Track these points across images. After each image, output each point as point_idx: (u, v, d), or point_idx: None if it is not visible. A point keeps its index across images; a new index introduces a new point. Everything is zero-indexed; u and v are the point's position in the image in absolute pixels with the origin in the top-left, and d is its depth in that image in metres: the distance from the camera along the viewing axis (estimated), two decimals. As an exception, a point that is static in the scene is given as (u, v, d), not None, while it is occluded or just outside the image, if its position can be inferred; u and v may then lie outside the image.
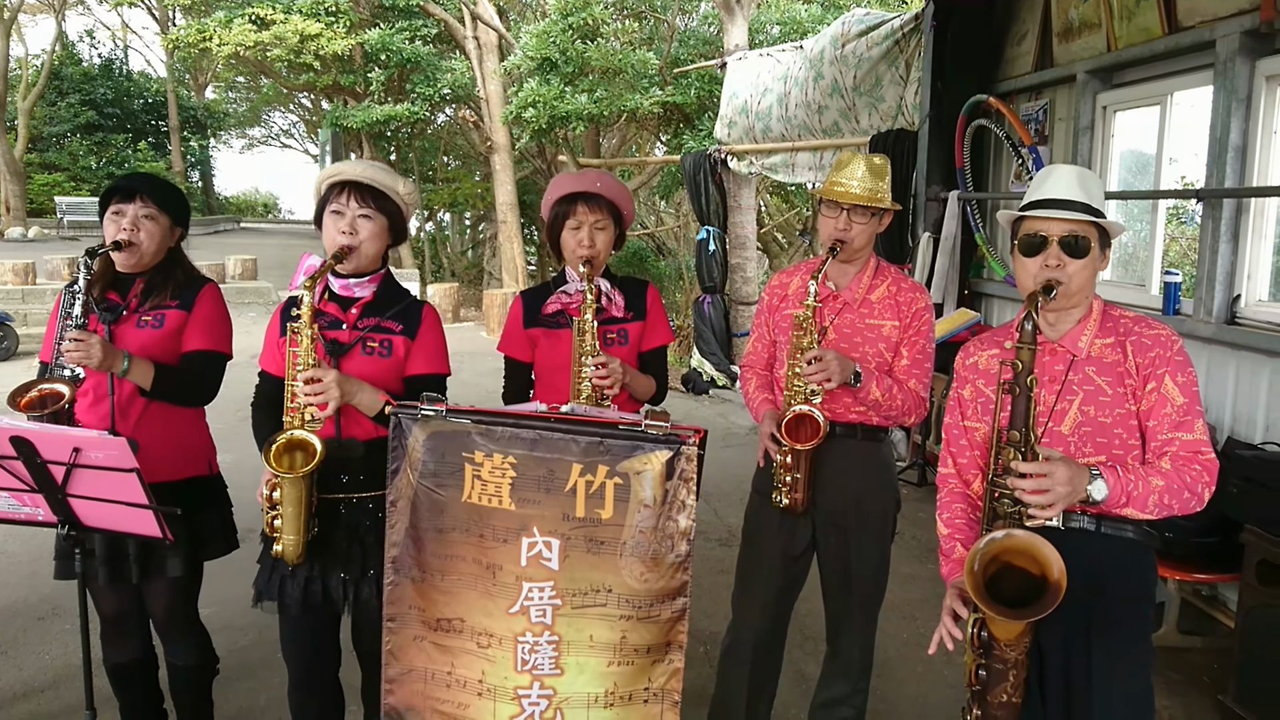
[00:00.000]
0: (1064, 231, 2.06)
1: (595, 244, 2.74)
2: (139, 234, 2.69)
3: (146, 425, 2.72)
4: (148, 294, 2.75)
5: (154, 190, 2.73)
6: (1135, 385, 2.08)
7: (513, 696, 2.16)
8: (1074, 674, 2.09)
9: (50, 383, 2.54)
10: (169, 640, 2.94)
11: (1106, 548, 2.09)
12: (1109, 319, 2.15)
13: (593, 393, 2.63)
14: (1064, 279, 2.05)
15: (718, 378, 9.64)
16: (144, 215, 2.71)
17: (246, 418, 2.69)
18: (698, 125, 11.63)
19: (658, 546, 2.10)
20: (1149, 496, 1.98)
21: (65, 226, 23.74)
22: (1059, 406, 2.12)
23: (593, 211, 2.74)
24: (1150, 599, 2.18)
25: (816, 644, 3.93)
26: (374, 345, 2.51)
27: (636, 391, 2.79)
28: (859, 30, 7.26)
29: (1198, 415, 2.06)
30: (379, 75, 16.48)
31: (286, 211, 47.53)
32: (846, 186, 2.71)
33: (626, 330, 2.82)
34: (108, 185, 2.77)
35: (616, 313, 2.80)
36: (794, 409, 2.69)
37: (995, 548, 1.90)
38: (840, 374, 2.60)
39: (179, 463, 2.81)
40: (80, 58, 31.67)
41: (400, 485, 2.17)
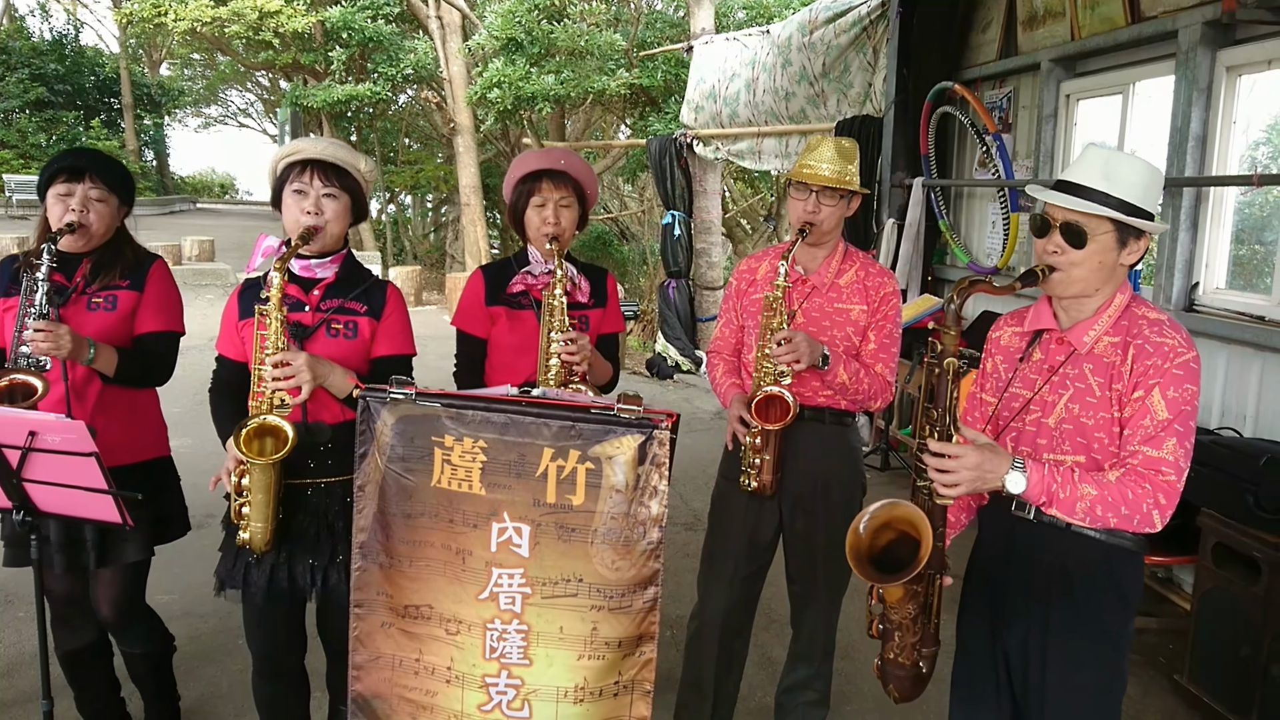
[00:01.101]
0: (1064, 218, 1.97)
1: (561, 221, 2.71)
2: (89, 215, 2.63)
3: (104, 408, 2.68)
4: (95, 274, 2.69)
5: (102, 170, 2.66)
6: (1123, 390, 1.97)
7: (480, 684, 2.14)
8: (1030, 671, 2.08)
9: (22, 373, 2.48)
10: (119, 630, 2.90)
11: (1075, 546, 2.02)
12: (1127, 317, 2.01)
13: (561, 369, 2.60)
14: (1062, 265, 1.97)
15: (682, 362, 9.65)
16: (94, 197, 2.64)
17: (204, 401, 2.63)
18: (664, 109, 11.61)
19: (629, 533, 2.08)
20: (1076, 503, 1.91)
21: (14, 205, 23.15)
22: (1050, 398, 2.06)
23: (557, 189, 2.71)
24: (1123, 603, 2.08)
25: (783, 627, 3.95)
26: (338, 327, 2.46)
27: (595, 376, 2.78)
28: (826, 17, 7.26)
29: (1174, 434, 1.91)
30: (340, 54, 16.22)
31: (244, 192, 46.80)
32: (815, 169, 2.71)
33: (588, 317, 2.81)
34: (51, 161, 2.69)
35: (582, 299, 2.78)
36: (764, 390, 2.69)
37: (885, 515, 1.97)
38: (809, 356, 2.60)
39: (138, 445, 2.77)
40: (29, 32, 30.82)
41: (368, 470, 2.14)
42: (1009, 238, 5.84)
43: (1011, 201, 5.78)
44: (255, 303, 2.45)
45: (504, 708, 2.13)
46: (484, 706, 2.14)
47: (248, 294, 2.51)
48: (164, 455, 2.89)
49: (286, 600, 2.47)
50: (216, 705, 3.40)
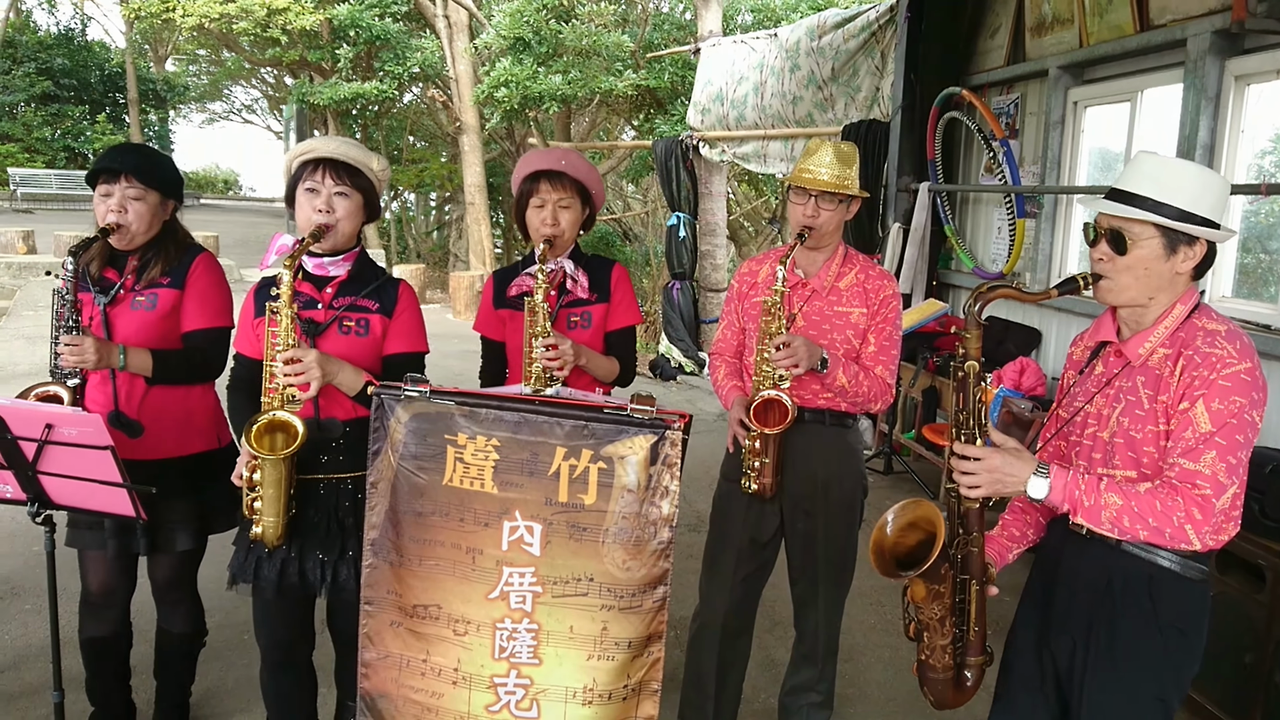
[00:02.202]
0: (1108, 225, 1.94)
1: (559, 223, 2.71)
2: (126, 215, 2.65)
3: (151, 405, 2.72)
4: (141, 271, 2.72)
5: (139, 168, 2.67)
6: (1169, 402, 1.90)
7: (489, 685, 2.15)
8: (1072, 682, 2.07)
9: (52, 385, 2.53)
10: (168, 607, 2.95)
11: (1121, 564, 1.97)
12: (1186, 328, 1.94)
13: (542, 374, 2.59)
14: (1108, 274, 1.94)
15: (685, 364, 9.66)
16: (131, 196, 2.66)
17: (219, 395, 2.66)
18: (670, 110, 11.61)
19: (640, 533, 2.09)
20: (1101, 511, 1.87)
21: (19, 199, 23.19)
22: (1106, 411, 2.03)
23: (556, 189, 2.71)
24: (1177, 630, 1.96)
25: (785, 629, 3.96)
26: (351, 324, 2.48)
27: (598, 374, 2.78)
28: (835, 22, 7.28)
29: (1215, 448, 1.83)
30: (347, 52, 16.23)
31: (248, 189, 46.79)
32: (814, 173, 2.72)
33: (590, 313, 2.79)
34: (95, 162, 2.71)
35: (581, 294, 2.77)
36: (762, 394, 2.70)
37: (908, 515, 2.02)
38: (808, 360, 2.61)
39: (186, 438, 2.80)
40: (36, 26, 30.85)
41: (381, 467, 2.15)
42: (1014, 244, 5.85)
43: (1018, 207, 5.79)
44: (269, 300, 2.47)
45: (512, 708, 2.14)
46: (492, 707, 2.15)
47: (263, 292, 2.53)
48: (214, 448, 2.90)
49: (296, 595, 2.49)
50: (223, 700, 3.41)
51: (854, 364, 2.76)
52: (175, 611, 2.96)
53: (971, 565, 2.02)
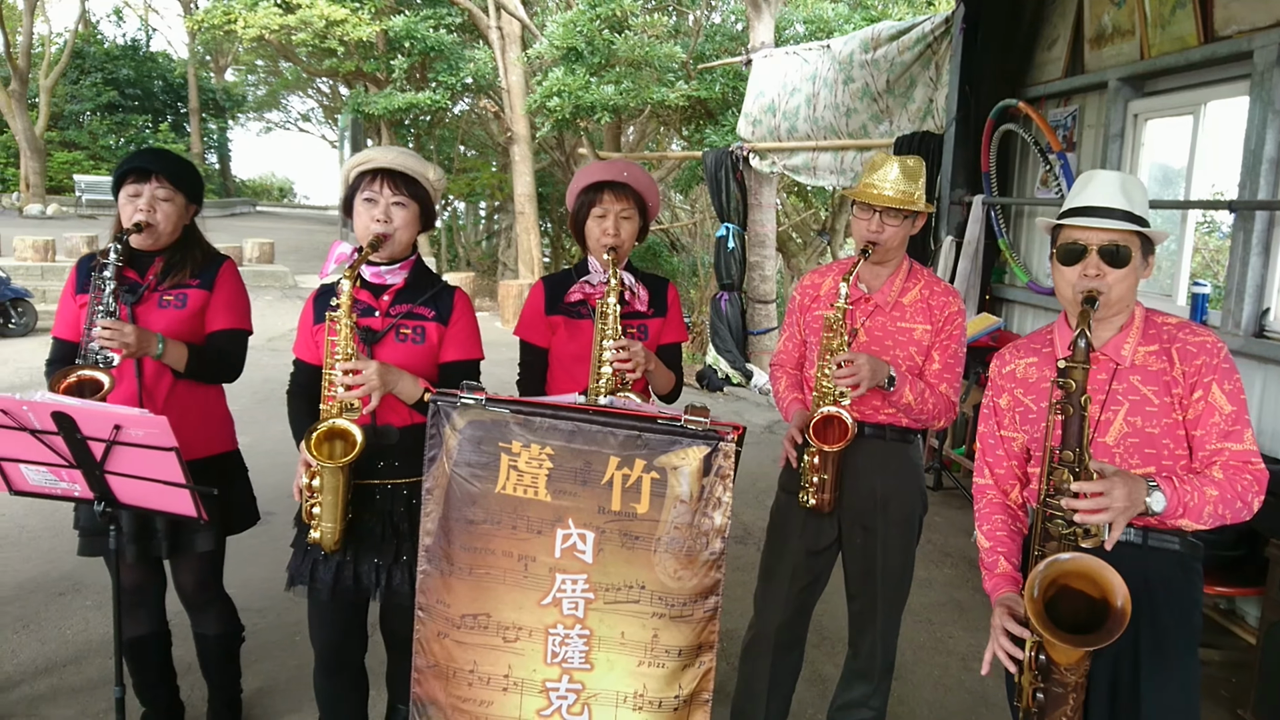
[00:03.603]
0: (1104, 241, 2.01)
1: (620, 233, 2.72)
2: (156, 214, 2.70)
3: (174, 404, 2.75)
4: (167, 273, 2.77)
5: (169, 170, 2.73)
6: (1182, 394, 2.02)
7: (540, 689, 2.16)
8: (1121, 691, 2.05)
9: (90, 369, 2.56)
10: (196, 611, 2.99)
11: (1154, 561, 2.05)
12: (1151, 326, 2.10)
13: (613, 376, 2.60)
14: (1104, 289, 2.00)
15: (733, 375, 9.63)
16: (160, 196, 2.71)
17: (263, 400, 2.71)
18: (720, 121, 11.60)
19: (692, 543, 2.09)
20: (1204, 507, 1.94)
21: (83, 205, 23.85)
22: (1103, 417, 2.06)
23: (618, 200, 2.73)
24: (1197, 611, 2.12)
25: (834, 645, 3.93)
26: (407, 332, 2.51)
27: (657, 384, 2.79)
28: (890, 34, 7.24)
29: (1246, 425, 2.01)
30: (402, 63, 16.46)
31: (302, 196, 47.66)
32: (879, 189, 2.70)
33: (647, 326, 2.81)
34: (122, 162, 2.77)
35: (640, 307, 2.79)
36: (822, 410, 2.68)
37: (1054, 571, 1.86)
38: (871, 378, 2.59)
39: (207, 440, 2.85)
40: (102, 37, 31.77)
41: (436, 473, 2.17)
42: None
43: (1075, 221, 5.70)
44: (328, 307, 2.51)
45: (564, 712, 2.15)
46: (543, 711, 2.16)
47: (322, 299, 2.57)
48: (231, 450, 2.96)
49: (350, 598, 2.52)
50: (274, 699, 3.46)
51: (919, 381, 2.73)
52: (206, 614, 3.00)
53: None
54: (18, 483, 2.35)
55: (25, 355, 9.43)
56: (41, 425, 2.18)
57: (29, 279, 12.65)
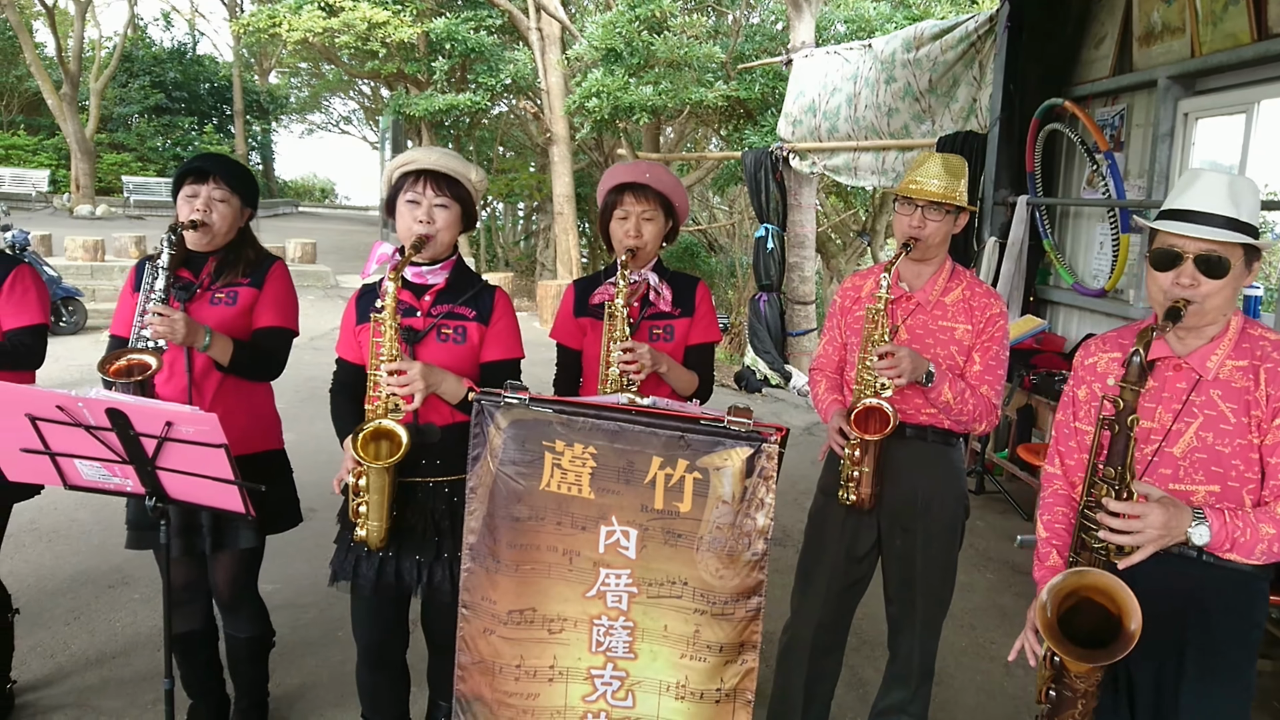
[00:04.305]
0: (1201, 249, 1.89)
1: (642, 234, 2.72)
2: (212, 215, 2.75)
3: (222, 400, 2.80)
4: (219, 272, 2.82)
5: (226, 172, 2.79)
6: (1262, 416, 1.91)
7: (585, 676, 2.19)
8: (1164, 709, 2.01)
9: (138, 353, 2.60)
10: (230, 612, 3.02)
11: (1211, 577, 1.97)
12: (1246, 339, 1.98)
13: (619, 378, 2.61)
14: (1197, 298, 1.90)
15: (771, 376, 9.59)
16: (217, 197, 2.76)
17: (306, 398, 2.73)
18: (760, 121, 11.57)
19: (734, 543, 2.09)
20: (1257, 544, 1.86)
21: (131, 206, 24.31)
22: (1175, 427, 1.98)
23: (640, 202, 2.72)
24: (1256, 630, 2.03)
25: (873, 649, 3.90)
26: (448, 332, 2.53)
27: (677, 385, 2.77)
28: (933, 33, 7.17)
29: None
30: (443, 64, 16.63)
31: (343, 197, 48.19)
32: (922, 184, 2.69)
33: (673, 326, 2.79)
34: (181, 165, 2.83)
35: (664, 307, 2.78)
36: (864, 402, 2.66)
37: (1072, 584, 1.86)
38: (911, 371, 2.57)
39: (252, 437, 2.89)
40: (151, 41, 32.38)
41: (480, 472, 2.19)
42: (1118, 259, 5.67)
43: (1122, 222, 5.61)
44: (370, 308, 2.54)
45: (608, 698, 2.18)
46: (589, 697, 2.19)
47: (364, 299, 2.60)
48: (276, 448, 3.00)
49: (392, 594, 2.55)
50: (317, 694, 3.50)
51: (960, 381, 2.70)
52: (238, 616, 3.03)
53: None
54: (73, 478, 2.40)
55: (76, 352, 9.63)
56: (96, 422, 2.22)
57: (79, 278, 12.93)
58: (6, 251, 3.18)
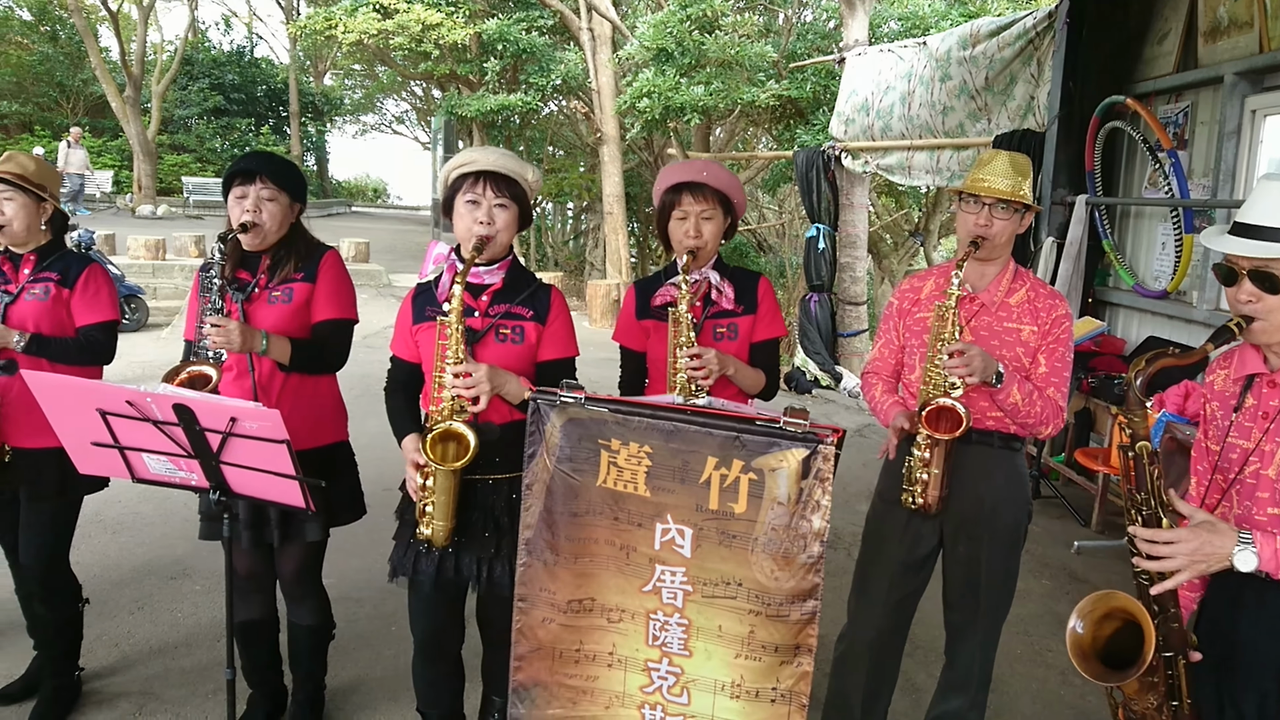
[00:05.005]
0: (1251, 265, 1.85)
1: (702, 234, 2.71)
2: (262, 215, 2.79)
3: (287, 397, 2.85)
4: (274, 269, 2.86)
5: (272, 170, 2.82)
6: None
7: (643, 668, 2.20)
8: None
9: (199, 365, 2.67)
10: (294, 601, 3.08)
11: None
12: None
13: (687, 384, 2.60)
14: (1260, 314, 1.85)
15: (821, 377, 9.52)
16: (265, 196, 2.80)
17: (358, 396, 2.76)
18: (811, 120, 11.49)
19: (790, 545, 2.08)
20: None
21: (191, 206, 24.81)
22: (1268, 447, 1.90)
23: (699, 201, 2.71)
24: None
25: (927, 654, 3.86)
26: (506, 332, 2.54)
27: (744, 385, 2.76)
28: (990, 30, 7.07)
29: None
30: (494, 65, 16.74)
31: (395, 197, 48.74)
32: (989, 182, 2.64)
33: (736, 324, 2.78)
34: (230, 166, 2.87)
35: (726, 305, 2.76)
36: (936, 401, 2.59)
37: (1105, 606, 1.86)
38: (982, 370, 2.51)
39: (318, 431, 2.94)
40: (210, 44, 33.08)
41: (536, 469, 2.21)
42: (1181, 260, 5.54)
43: (1186, 222, 5.49)
44: (428, 307, 2.57)
45: (664, 692, 2.19)
46: (646, 689, 2.21)
47: (420, 299, 2.63)
48: (341, 440, 3.05)
49: (451, 590, 2.58)
50: (371, 687, 3.55)
51: (1027, 382, 2.64)
52: (302, 605, 3.09)
53: (1173, 640, 1.91)
54: (141, 471, 2.46)
55: (138, 350, 9.86)
56: (164, 417, 2.28)
57: (141, 276, 13.24)
58: (75, 250, 3.27)
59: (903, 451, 2.72)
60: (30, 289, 3.06)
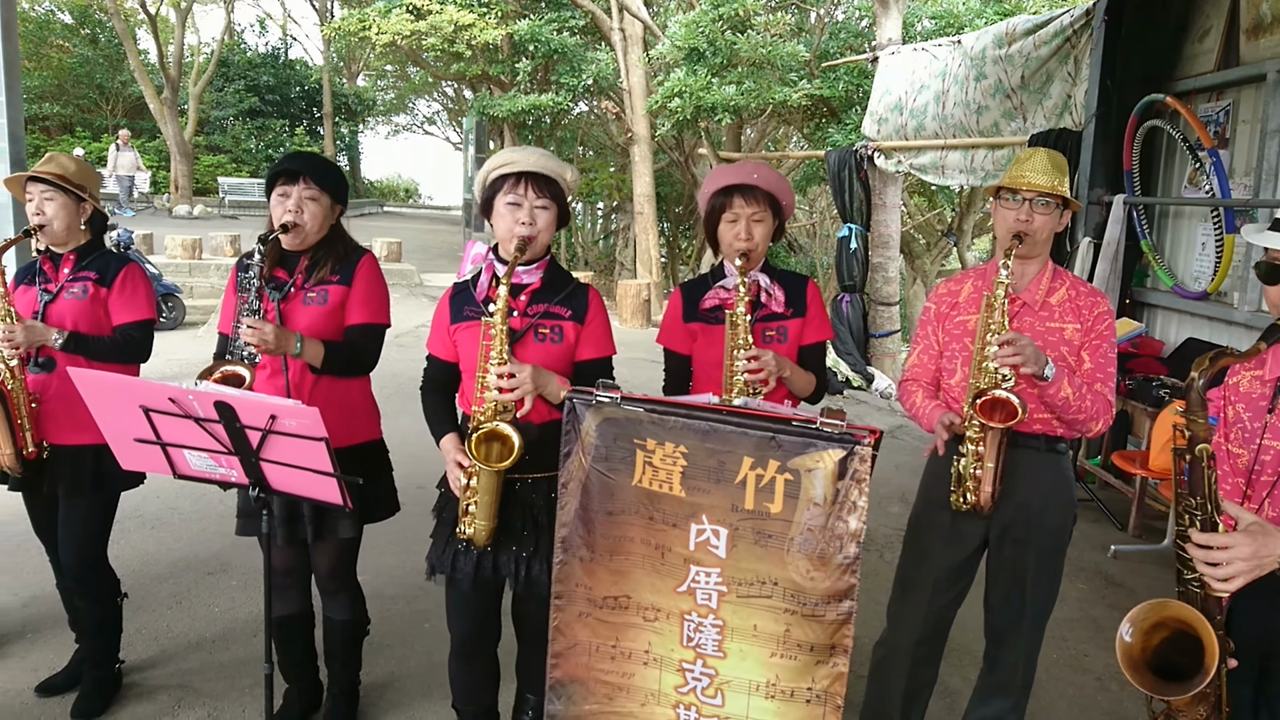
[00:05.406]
0: None
1: (753, 236, 2.69)
2: (303, 215, 2.82)
3: (319, 396, 2.86)
4: (311, 270, 2.88)
5: (315, 171, 2.85)
6: None
7: (678, 668, 2.21)
8: None
9: (232, 365, 2.70)
10: (329, 595, 3.11)
11: None
12: None
13: (745, 387, 2.58)
14: None
15: (853, 378, 9.47)
16: (307, 197, 2.82)
17: (390, 394, 2.77)
18: (844, 120, 11.43)
19: (825, 546, 2.07)
20: None
21: (226, 206, 25.13)
22: None
23: (750, 204, 2.69)
24: None
25: (960, 656, 3.83)
26: (545, 332, 2.55)
27: (796, 388, 2.74)
28: (1026, 29, 7.00)
29: None
30: (526, 65, 16.81)
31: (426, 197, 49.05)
32: (1029, 177, 2.62)
33: (786, 327, 2.76)
34: (272, 167, 2.90)
35: (776, 308, 2.75)
36: (990, 393, 2.52)
37: (1156, 615, 1.81)
38: (1034, 360, 2.47)
39: (351, 429, 2.96)
40: (245, 46, 33.47)
41: (572, 468, 2.22)
42: (1221, 261, 5.45)
43: (1227, 222, 5.40)
44: (466, 306, 2.58)
45: (699, 693, 2.20)
46: (680, 689, 2.21)
47: (458, 298, 2.64)
48: (374, 439, 3.07)
49: (489, 588, 2.59)
50: (404, 684, 3.58)
51: (1076, 377, 2.60)
52: (337, 600, 3.12)
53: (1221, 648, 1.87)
54: (182, 467, 2.49)
55: (175, 347, 10.00)
56: (205, 414, 2.31)
57: (178, 275, 13.43)
58: (114, 250, 3.32)
59: (949, 454, 2.67)
60: (69, 288, 3.11)
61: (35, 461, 3.08)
